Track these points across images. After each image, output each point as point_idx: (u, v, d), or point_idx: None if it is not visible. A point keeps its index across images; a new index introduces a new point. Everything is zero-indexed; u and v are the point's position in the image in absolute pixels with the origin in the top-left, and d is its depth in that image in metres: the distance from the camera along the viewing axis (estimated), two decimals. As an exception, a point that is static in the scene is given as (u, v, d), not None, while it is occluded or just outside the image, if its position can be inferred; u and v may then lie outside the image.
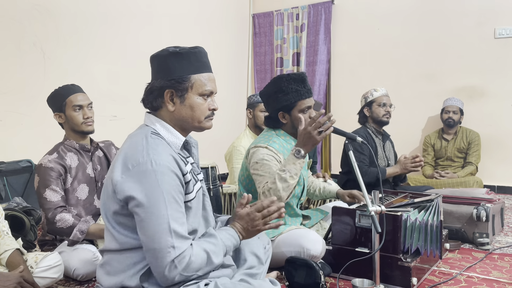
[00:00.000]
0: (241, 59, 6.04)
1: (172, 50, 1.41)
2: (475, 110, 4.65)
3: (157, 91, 1.41)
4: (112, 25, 4.14)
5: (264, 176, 2.08)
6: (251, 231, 1.49)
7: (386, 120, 3.21)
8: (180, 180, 1.34)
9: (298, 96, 2.14)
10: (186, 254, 1.27)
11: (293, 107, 2.16)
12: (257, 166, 2.12)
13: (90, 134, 2.33)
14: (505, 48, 4.54)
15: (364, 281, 1.78)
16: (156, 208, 1.26)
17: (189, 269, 1.28)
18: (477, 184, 3.96)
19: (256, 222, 1.48)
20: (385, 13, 5.17)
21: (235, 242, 1.46)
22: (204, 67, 1.44)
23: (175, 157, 1.36)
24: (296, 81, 2.15)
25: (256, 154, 2.15)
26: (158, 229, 1.25)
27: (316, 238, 2.06)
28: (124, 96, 4.10)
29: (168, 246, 1.25)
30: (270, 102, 2.23)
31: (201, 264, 1.31)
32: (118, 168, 1.31)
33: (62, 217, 2.11)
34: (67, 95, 2.26)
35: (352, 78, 5.40)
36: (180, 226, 1.29)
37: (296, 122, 2.16)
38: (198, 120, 1.44)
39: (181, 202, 1.33)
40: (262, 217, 1.48)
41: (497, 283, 2.05)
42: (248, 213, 1.49)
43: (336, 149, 5.51)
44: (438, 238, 2.22)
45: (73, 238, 2.09)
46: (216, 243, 1.38)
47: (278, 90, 2.16)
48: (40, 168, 2.18)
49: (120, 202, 1.31)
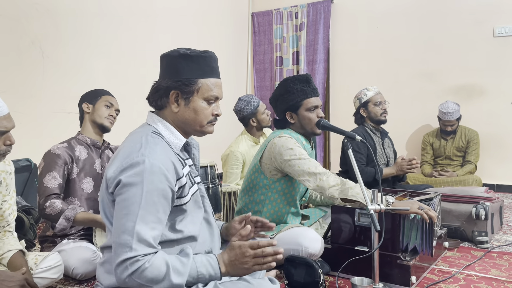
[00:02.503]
0: (240, 58, 6.04)
1: (183, 52, 1.40)
2: (474, 109, 4.66)
3: (163, 90, 1.41)
4: (111, 24, 4.14)
5: (308, 160, 2.08)
6: (238, 267, 1.33)
7: (384, 119, 3.23)
8: (170, 184, 1.30)
9: (303, 95, 2.20)
10: (141, 259, 1.21)
11: (299, 106, 2.21)
12: (292, 152, 2.09)
13: (106, 131, 2.41)
14: (504, 46, 4.54)
15: (364, 280, 1.79)
16: (130, 204, 1.24)
17: (141, 276, 1.21)
18: (476, 182, 3.97)
19: (246, 259, 1.32)
20: (384, 12, 5.17)
21: (212, 272, 1.31)
22: (212, 72, 1.43)
23: (172, 159, 1.35)
24: (301, 81, 2.21)
25: (283, 143, 2.13)
26: (124, 225, 1.23)
27: (315, 236, 2.07)
28: (123, 95, 4.08)
29: (126, 245, 1.22)
30: (278, 105, 2.28)
31: (157, 276, 1.22)
32: (114, 165, 1.31)
33: (52, 203, 2.13)
34: (105, 94, 2.42)
35: (351, 77, 5.40)
36: (148, 230, 1.23)
37: (304, 121, 2.22)
38: (200, 124, 1.43)
39: (161, 207, 1.27)
40: (253, 256, 1.32)
41: (496, 281, 2.05)
42: (239, 246, 1.34)
43: (335, 147, 5.52)
44: (429, 236, 2.21)
45: (59, 226, 2.11)
46: (185, 263, 1.28)
47: (284, 91, 2.22)
48: (48, 153, 2.24)
49: (112, 196, 1.31)
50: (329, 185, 2.02)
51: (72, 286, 2.10)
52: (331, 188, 2.01)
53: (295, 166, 2.08)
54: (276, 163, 2.16)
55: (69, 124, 2.88)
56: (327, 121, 2.22)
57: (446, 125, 4.37)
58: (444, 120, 4.35)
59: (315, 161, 2.10)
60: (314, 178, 2.04)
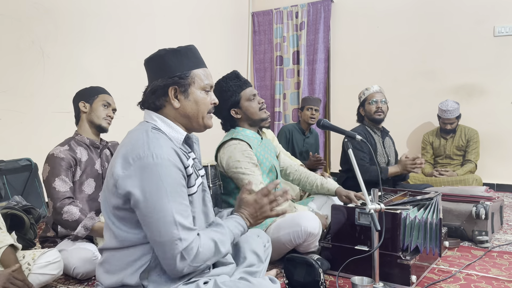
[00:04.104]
0: (240, 57, 6.04)
1: (169, 49, 1.43)
2: (474, 108, 4.66)
3: (160, 90, 1.42)
4: (111, 23, 4.14)
5: (251, 175, 2.18)
6: (258, 217, 1.51)
7: (378, 117, 3.21)
8: (182, 173, 1.34)
9: (239, 88, 2.31)
10: (194, 245, 1.28)
11: (239, 99, 2.30)
12: (238, 164, 2.21)
13: (104, 132, 2.39)
14: (504, 46, 4.54)
15: (364, 279, 1.79)
16: (159, 202, 1.26)
17: (198, 260, 1.30)
18: (476, 182, 3.97)
19: (264, 208, 1.50)
20: (385, 11, 5.17)
21: (242, 229, 1.48)
22: (200, 62, 1.48)
23: (176, 150, 1.36)
24: (231, 78, 2.32)
25: (231, 153, 2.24)
26: (163, 223, 1.25)
27: (312, 216, 2.13)
28: (122, 94, 4.09)
29: (175, 239, 1.25)
30: (219, 107, 2.27)
31: (209, 254, 1.33)
32: (119, 162, 1.31)
33: (69, 209, 2.10)
34: (101, 92, 2.39)
35: (351, 76, 5.40)
36: (185, 219, 1.29)
37: (248, 111, 2.31)
38: (203, 115, 1.46)
39: (184, 195, 1.33)
40: (269, 202, 1.50)
41: (496, 280, 2.05)
42: (255, 200, 1.51)
43: (335, 147, 5.52)
44: (437, 236, 2.23)
45: (77, 234, 2.10)
46: (223, 232, 1.40)
47: (220, 92, 2.27)
48: (51, 157, 2.20)
49: (121, 196, 1.30)
50: None
51: (73, 285, 2.10)
52: None
53: (237, 180, 2.23)
54: (225, 172, 2.29)
55: (69, 124, 2.87)
56: (327, 121, 2.22)
57: (445, 123, 4.38)
58: (444, 118, 4.35)
59: (257, 178, 2.19)
60: None
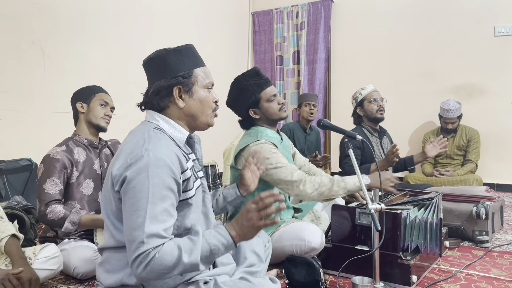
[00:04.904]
0: (240, 57, 6.04)
1: (170, 49, 1.43)
2: (474, 108, 4.66)
3: (164, 90, 1.41)
4: (111, 23, 4.14)
5: (284, 167, 2.08)
6: (245, 226, 1.29)
7: (381, 116, 3.17)
8: (175, 177, 1.31)
9: (259, 88, 2.21)
10: (152, 251, 1.20)
11: (259, 99, 2.22)
12: (268, 161, 2.09)
13: (102, 131, 2.37)
14: (504, 46, 4.54)
15: (364, 279, 1.79)
16: (138, 202, 1.24)
17: (155, 266, 1.20)
18: (477, 182, 3.96)
19: (250, 214, 1.28)
20: (385, 11, 5.17)
21: (224, 240, 1.28)
22: (200, 61, 1.48)
23: (176, 152, 1.35)
24: (252, 76, 2.22)
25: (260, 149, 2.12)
26: (134, 222, 1.23)
27: (316, 230, 2.10)
28: (123, 94, 4.09)
29: (138, 241, 1.21)
30: (238, 105, 2.27)
31: (170, 261, 1.21)
32: (119, 162, 1.31)
33: (53, 208, 2.10)
34: (98, 91, 2.37)
35: (351, 76, 5.40)
36: (157, 223, 1.23)
37: (268, 112, 2.23)
38: (207, 113, 1.46)
39: (168, 199, 1.27)
40: (257, 210, 1.28)
41: (496, 280, 2.05)
42: (244, 206, 1.32)
43: (335, 147, 5.51)
44: (437, 236, 2.23)
45: (65, 230, 2.10)
46: (195, 240, 1.26)
47: (239, 91, 2.22)
48: (47, 158, 2.20)
49: (118, 194, 1.30)
50: (307, 193, 2.06)
51: (73, 285, 2.10)
52: (311, 195, 2.06)
53: (272, 175, 2.10)
54: None
55: (69, 124, 2.88)
56: (328, 121, 2.22)
57: (447, 122, 4.37)
58: (445, 117, 4.35)
59: (291, 166, 2.10)
60: (291, 186, 2.07)
